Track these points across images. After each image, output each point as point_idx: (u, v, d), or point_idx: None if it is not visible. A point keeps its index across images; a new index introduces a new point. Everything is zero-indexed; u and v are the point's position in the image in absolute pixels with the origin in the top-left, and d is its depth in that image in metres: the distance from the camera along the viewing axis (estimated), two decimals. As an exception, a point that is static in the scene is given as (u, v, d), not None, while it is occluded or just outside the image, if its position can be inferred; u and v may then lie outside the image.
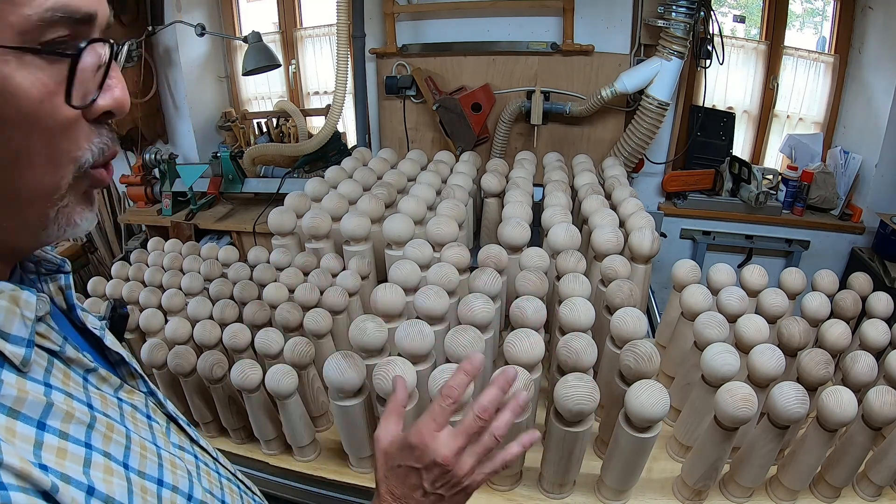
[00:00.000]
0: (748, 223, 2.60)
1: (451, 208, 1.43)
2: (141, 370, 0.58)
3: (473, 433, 0.63)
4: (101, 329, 0.57)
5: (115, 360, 0.57)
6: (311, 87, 3.26)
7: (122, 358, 0.57)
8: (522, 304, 1.06)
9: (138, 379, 0.58)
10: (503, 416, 0.65)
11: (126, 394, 0.54)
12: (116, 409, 0.50)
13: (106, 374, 0.52)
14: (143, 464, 0.48)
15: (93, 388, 0.49)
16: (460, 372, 0.65)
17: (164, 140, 3.19)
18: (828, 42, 2.53)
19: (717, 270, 1.26)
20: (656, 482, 1.08)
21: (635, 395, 0.87)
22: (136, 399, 0.55)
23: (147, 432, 0.52)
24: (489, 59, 2.49)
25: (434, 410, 0.63)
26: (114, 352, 0.57)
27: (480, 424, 0.63)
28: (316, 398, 1.19)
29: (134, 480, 0.46)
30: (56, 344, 0.47)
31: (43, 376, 0.45)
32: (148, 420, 0.54)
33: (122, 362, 0.57)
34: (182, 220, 2.60)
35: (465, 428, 0.63)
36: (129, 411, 0.52)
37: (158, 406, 0.58)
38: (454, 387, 0.64)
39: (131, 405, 0.53)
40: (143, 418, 0.54)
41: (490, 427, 0.64)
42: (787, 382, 0.90)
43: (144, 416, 0.54)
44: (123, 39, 0.50)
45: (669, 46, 2.09)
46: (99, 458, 0.44)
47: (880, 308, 1.19)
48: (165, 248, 1.61)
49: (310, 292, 1.23)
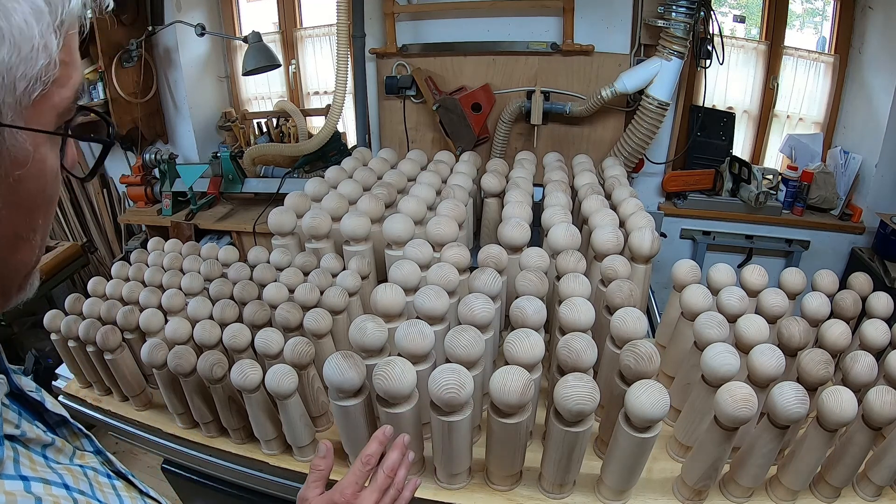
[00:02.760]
0: (748, 223, 2.60)
1: (451, 208, 1.43)
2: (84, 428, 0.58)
3: (384, 489, 0.80)
4: (37, 391, 0.55)
5: (55, 423, 0.55)
6: (311, 87, 3.26)
7: (65, 418, 0.56)
8: (522, 304, 1.06)
9: (82, 438, 0.57)
10: (401, 472, 0.82)
11: (80, 459, 0.53)
12: (84, 480, 0.50)
13: (61, 443, 0.51)
14: None
15: (54, 463, 0.48)
16: (375, 441, 0.82)
17: (164, 140, 3.19)
18: (828, 42, 2.53)
19: (717, 270, 1.25)
20: (656, 482, 1.08)
21: (635, 395, 0.87)
22: (90, 461, 0.54)
23: (114, 497, 0.52)
24: (489, 59, 2.49)
25: (355, 473, 0.79)
26: (55, 414, 0.55)
27: (389, 482, 0.80)
28: (316, 398, 1.19)
29: None
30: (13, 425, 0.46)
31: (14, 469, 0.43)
32: (109, 480, 0.54)
33: (64, 423, 0.56)
34: (182, 220, 2.61)
35: (379, 485, 0.79)
36: (93, 476, 0.52)
37: (107, 463, 0.58)
38: (372, 455, 0.81)
39: (92, 470, 0.53)
40: (105, 480, 0.53)
41: (394, 482, 0.81)
42: (787, 382, 0.89)
43: (105, 477, 0.54)
44: None
45: (669, 46, 2.09)
46: None
47: (880, 308, 1.18)
48: (165, 248, 1.60)
49: (310, 292, 1.23)
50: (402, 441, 0.85)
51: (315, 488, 0.80)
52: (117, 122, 2.86)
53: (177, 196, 2.69)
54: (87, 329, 1.25)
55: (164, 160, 2.65)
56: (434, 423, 0.96)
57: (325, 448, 0.83)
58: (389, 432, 0.85)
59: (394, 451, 0.83)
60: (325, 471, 0.82)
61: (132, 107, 2.89)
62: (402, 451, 0.84)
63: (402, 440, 0.85)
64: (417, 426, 1.01)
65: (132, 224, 3.23)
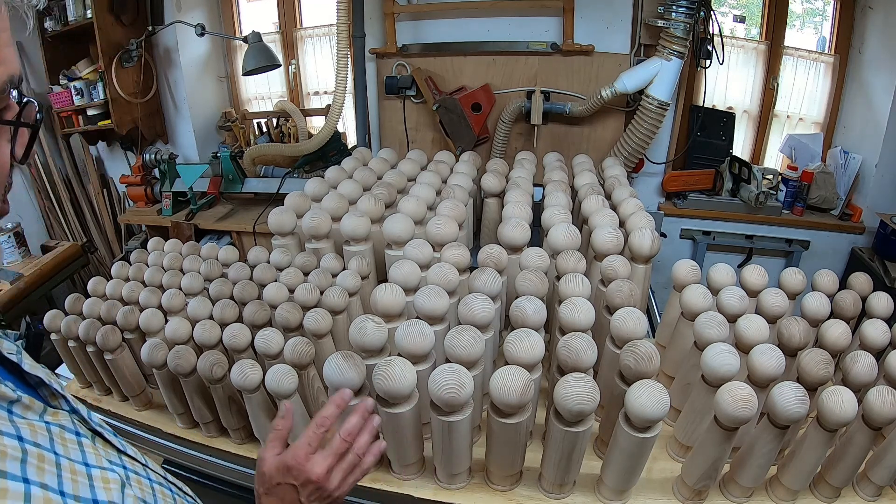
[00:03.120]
0: (748, 223, 2.60)
1: (451, 208, 1.43)
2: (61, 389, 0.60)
3: (341, 453, 0.77)
4: (17, 353, 0.58)
5: (35, 383, 0.58)
6: (311, 87, 3.26)
7: (42, 380, 0.58)
8: (522, 304, 1.06)
9: (60, 398, 0.59)
10: (361, 438, 0.79)
11: (51, 416, 0.55)
12: (45, 435, 0.52)
13: (29, 401, 0.53)
14: (77, 487, 0.50)
15: (18, 418, 0.51)
16: (332, 404, 0.80)
17: (164, 140, 3.19)
18: (828, 42, 2.53)
19: (717, 270, 1.25)
20: (656, 482, 1.08)
21: (635, 395, 0.87)
22: (63, 419, 0.56)
23: (77, 452, 0.54)
24: (489, 59, 2.49)
25: (309, 435, 0.76)
26: (33, 375, 0.58)
27: (346, 446, 0.77)
28: (316, 398, 1.19)
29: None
30: None
31: None
32: (77, 437, 0.56)
33: (42, 384, 0.59)
34: (182, 220, 2.61)
35: (334, 449, 0.77)
36: (58, 432, 0.54)
37: (83, 422, 0.60)
38: (327, 417, 0.79)
39: (59, 426, 0.55)
40: (71, 437, 0.55)
41: (353, 447, 0.78)
42: (787, 382, 0.89)
43: (73, 434, 0.56)
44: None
45: (669, 46, 2.09)
46: (38, 491, 0.46)
47: (880, 308, 1.18)
48: (165, 249, 1.61)
49: (310, 292, 1.23)
50: (363, 406, 0.82)
51: (272, 448, 0.78)
52: (117, 122, 2.86)
53: (177, 196, 2.69)
54: (87, 329, 1.25)
55: (164, 160, 2.65)
56: (434, 423, 0.96)
57: (285, 409, 0.81)
58: (348, 396, 0.82)
59: (353, 416, 0.80)
60: (283, 431, 0.79)
61: (132, 107, 2.89)
62: (363, 416, 0.81)
63: (365, 405, 0.82)
64: (417, 426, 1.01)
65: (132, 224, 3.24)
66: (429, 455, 1.08)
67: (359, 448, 0.79)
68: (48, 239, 3.43)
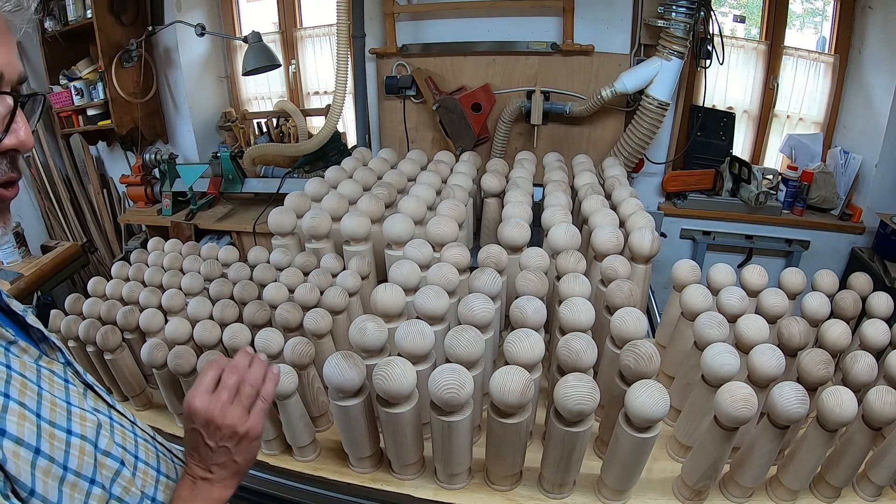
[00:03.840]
0: (748, 223, 2.60)
1: (451, 208, 1.43)
2: (60, 343, 0.68)
3: (232, 387, 0.72)
4: (23, 310, 0.67)
5: (38, 338, 0.67)
6: (311, 87, 3.26)
7: (44, 335, 0.67)
8: (522, 304, 1.06)
9: (57, 352, 0.68)
10: (254, 369, 0.76)
11: (45, 363, 0.63)
12: (34, 372, 0.59)
13: (26, 346, 0.61)
14: (53, 415, 0.57)
15: (13, 356, 0.58)
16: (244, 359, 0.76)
17: (164, 140, 3.19)
18: (828, 42, 2.53)
19: (717, 270, 1.25)
20: (656, 482, 1.08)
21: (635, 395, 0.87)
22: (56, 367, 0.64)
23: (62, 391, 0.61)
24: (489, 59, 2.49)
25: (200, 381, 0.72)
26: (35, 329, 0.67)
27: (236, 377, 0.73)
28: (316, 398, 1.19)
29: (44, 427, 0.55)
30: None
31: None
32: (65, 383, 0.63)
33: (44, 339, 0.67)
34: (182, 220, 2.60)
35: (223, 384, 0.72)
36: (47, 375, 0.61)
37: (76, 375, 0.67)
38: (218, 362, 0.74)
39: (49, 370, 0.62)
40: (60, 381, 0.62)
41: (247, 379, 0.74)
42: (787, 382, 0.89)
43: (62, 380, 0.63)
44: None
45: (669, 46, 2.09)
46: (14, 406, 0.53)
47: (880, 308, 1.18)
48: (165, 249, 1.61)
49: (310, 292, 1.23)
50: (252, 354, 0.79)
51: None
52: (117, 122, 2.86)
53: (177, 196, 2.69)
54: (87, 329, 1.25)
55: (164, 160, 2.65)
56: (434, 423, 0.96)
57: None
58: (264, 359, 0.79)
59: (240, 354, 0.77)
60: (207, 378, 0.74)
61: (132, 107, 2.89)
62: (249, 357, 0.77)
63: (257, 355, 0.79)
64: (417, 426, 1.01)
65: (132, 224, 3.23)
66: (429, 455, 1.08)
67: (252, 379, 0.74)
68: (48, 239, 3.43)
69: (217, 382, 0.73)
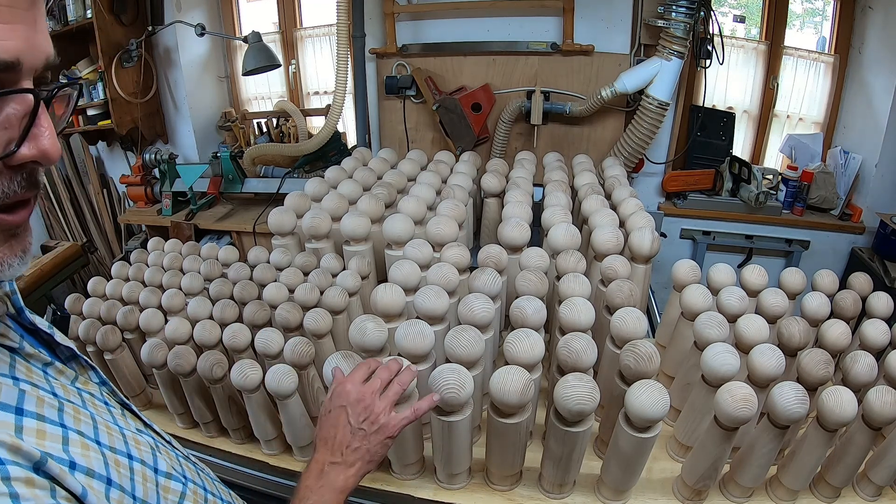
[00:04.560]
0: (748, 223, 2.60)
1: (451, 208, 1.43)
2: (91, 362, 0.63)
3: (384, 379, 0.83)
4: (49, 328, 0.61)
5: (67, 356, 0.61)
6: (311, 87, 3.26)
7: (74, 352, 0.61)
8: (522, 304, 1.06)
9: (89, 370, 0.62)
10: (404, 374, 0.86)
11: (82, 384, 0.58)
12: (77, 397, 0.54)
13: (62, 367, 0.57)
14: (112, 440, 0.52)
15: (53, 379, 0.53)
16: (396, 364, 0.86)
17: (164, 140, 3.19)
18: (828, 42, 2.53)
19: (717, 270, 1.26)
20: (656, 482, 1.08)
21: (635, 395, 0.87)
22: (92, 388, 0.60)
23: (107, 415, 0.57)
24: (489, 59, 2.49)
25: (357, 369, 0.83)
26: (64, 347, 0.61)
27: (388, 374, 0.83)
28: (316, 398, 1.19)
29: (108, 455, 0.50)
30: (14, 341, 0.51)
31: (8, 370, 0.48)
32: (106, 405, 0.59)
33: (74, 357, 0.61)
34: (182, 220, 2.60)
35: (378, 374, 0.83)
36: (88, 398, 0.56)
37: (111, 395, 0.63)
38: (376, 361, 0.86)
39: (89, 393, 0.58)
40: (101, 404, 0.58)
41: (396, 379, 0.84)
42: (787, 382, 0.89)
43: (102, 402, 0.58)
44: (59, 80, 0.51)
45: (669, 46, 2.09)
46: (74, 436, 0.48)
47: (880, 308, 1.18)
48: (165, 248, 1.61)
49: (310, 292, 1.23)
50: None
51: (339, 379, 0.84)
52: (117, 122, 2.86)
53: (177, 196, 2.68)
54: (87, 329, 1.25)
55: (164, 160, 2.65)
56: (434, 423, 0.96)
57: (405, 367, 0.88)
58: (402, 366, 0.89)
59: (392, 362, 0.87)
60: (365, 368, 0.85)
61: (132, 107, 2.89)
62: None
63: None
64: (417, 426, 1.02)
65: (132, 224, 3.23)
66: (429, 455, 1.08)
67: (402, 380, 0.84)
68: (48, 239, 3.43)
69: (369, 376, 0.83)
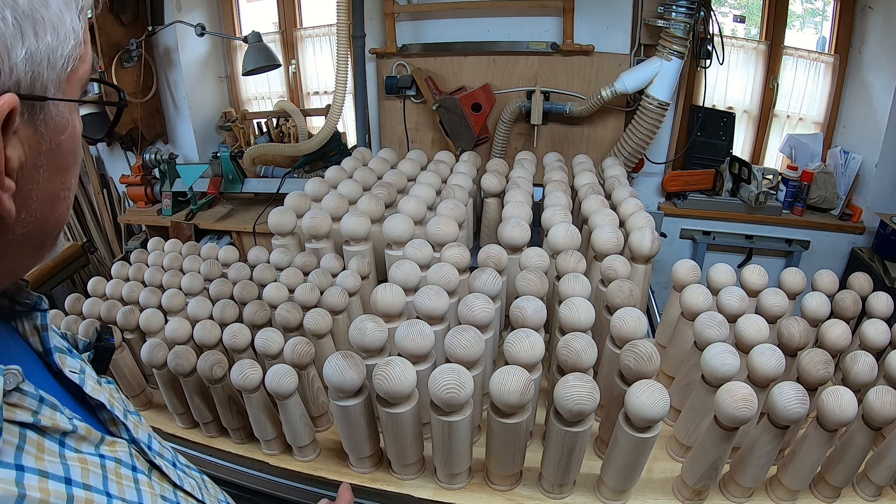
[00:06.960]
0: (748, 223, 2.60)
1: (451, 208, 1.43)
2: (123, 416, 0.56)
3: None
4: (80, 372, 0.55)
5: (96, 405, 0.55)
6: (311, 87, 3.26)
7: (103, 404, 0.55)
8: (522, 304, 1.06)
9: (119, 425, 0.56)
10: None
11: (108, 447, 0.51)
12: (98, 473, 0.48)
13: (86, 430, 0.49)
14: None
15: (70, 452, 0.47)
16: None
17: (164, 140, 3.19)
18: (828, 42, 2.53)
19: (717, 270, 1.25)
20: (656, 482, 1.08)
21: (635, 395, 0.87)
22: (120, 450, 0.53)
23: (132, 491, 0.51)
24: (489, 59, 2.49)
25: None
26: (94, 399, 0.55)
27: None
28: (316, 398, 1.19)
29: None
30: (29, 411, 0.45)
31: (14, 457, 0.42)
32: (133, 473, 0.52)
33: (103, 407, 0.55)
34: (182, 220, 2.60)
35: None
36: (113, 468, 0.50)
37: (141, 454, 0.56)
38: None
39: (115, 460, 0.51)
40: (127, 472, 0.52)
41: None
42: (787, 382, 0.89)
43: (129, 470, 0.52)
44: None
45: (669, 46, 2.09)
46: None
47: (880, 308, 1.18)
48: (165, 248, 1.60)
49: (310, 292, 1.23)
50: None
51: None
52: (117, 122, 2.86)
53: (177, 196, 2.69)
54: (87, 329, 1.25)
55: (164, 160, 2.65)
56: (434, 423, 0.96)
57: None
58: None
59: None
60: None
61: (132, 107, 2.89)
62: None
63: None
64: (417, 426, 1.01)
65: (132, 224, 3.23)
66: (429, 455, 1.08)
67: None
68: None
69: None
